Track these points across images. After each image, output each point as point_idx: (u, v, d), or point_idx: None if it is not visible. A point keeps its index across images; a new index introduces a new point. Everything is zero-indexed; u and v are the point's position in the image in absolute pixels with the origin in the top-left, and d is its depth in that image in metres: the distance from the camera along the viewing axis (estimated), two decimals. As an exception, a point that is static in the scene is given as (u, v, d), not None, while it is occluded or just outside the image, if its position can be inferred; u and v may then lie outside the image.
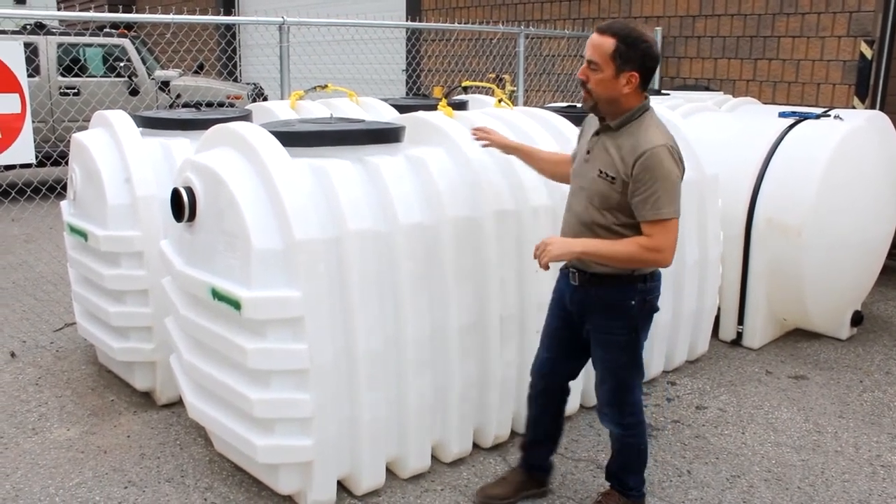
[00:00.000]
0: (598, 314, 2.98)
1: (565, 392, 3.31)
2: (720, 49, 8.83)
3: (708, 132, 5.31)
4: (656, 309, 3.03)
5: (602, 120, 2.90)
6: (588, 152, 2.94)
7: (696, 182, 4.53)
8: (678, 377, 4.71)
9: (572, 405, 4.07)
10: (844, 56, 7.63)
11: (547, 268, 2.85)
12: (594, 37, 2.80)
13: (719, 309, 5.12)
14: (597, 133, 2.93)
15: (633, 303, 2.91)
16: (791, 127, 5.19)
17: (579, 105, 5.02)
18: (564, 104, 5.20)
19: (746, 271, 5.11)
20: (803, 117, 5.30)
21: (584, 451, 3.82)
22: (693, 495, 3.48)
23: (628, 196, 2.78)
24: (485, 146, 3.42)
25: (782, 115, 5.41)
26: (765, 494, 3.49)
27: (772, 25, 8.19)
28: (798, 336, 5.42)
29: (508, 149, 3.40)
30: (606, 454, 3.76)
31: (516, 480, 3.39)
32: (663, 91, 7.70)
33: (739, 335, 5.23)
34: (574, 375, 3.27)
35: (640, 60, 2.75)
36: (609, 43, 2.75)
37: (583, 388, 4.11)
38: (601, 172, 2.84)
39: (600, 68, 2.78)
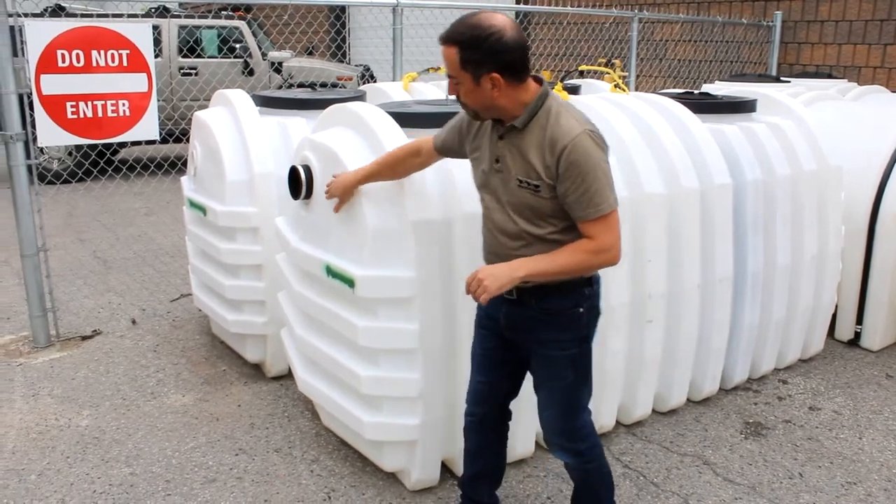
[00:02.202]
0: (542, 328, 2.61)
1: (506, 416, 2.95)
2: (845, 34, 8.42)
3: (831, 122, 5.06)
4: (599, 313, 2.71)
5: (501, 122, 2.52)
6: (497, 161, 2.54)
7: (817, 173, 4.35)
8: (790, 376, 4.54)
9: (679, 398, 3.99)
10: None
11: (486, 302, 2.46)
12: (441, 49, 2.43)
13: (837, 307, 4.90)
14: (500, 137, 2.53)
15: (581, 310, 2.59)
16: (925, 118, 4.90)
17: (696, 91, 4.88)
18: (680, 90, 5.06)
19: (868, 268, 4.87)
20: (939, 108, 5.00)
21: (690, 447, 3.73)
22: (805, 499, 3.35)
23: (560, 198, 2.43)
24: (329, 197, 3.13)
25: (915, 105, 5.12)
26: None
27: (905, 10, 7.75)
28: (922, 339, 5.15)
29: (359, 182, 3.02)
30: (714, 451, 3.68)
31: None
32: (782, 78, 7.40)
33: (857, 335, 4.99)
34: (513, 395, 2.90)
35: (492, 58, 2.36)
36: (453, 53, 2.39)
37: (691, 380, 4.01)
38: (521, 182, 2.47)
39: (460, 80, 2.43)
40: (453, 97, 2.53)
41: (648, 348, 3.70)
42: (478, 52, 2.35)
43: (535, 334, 2.63)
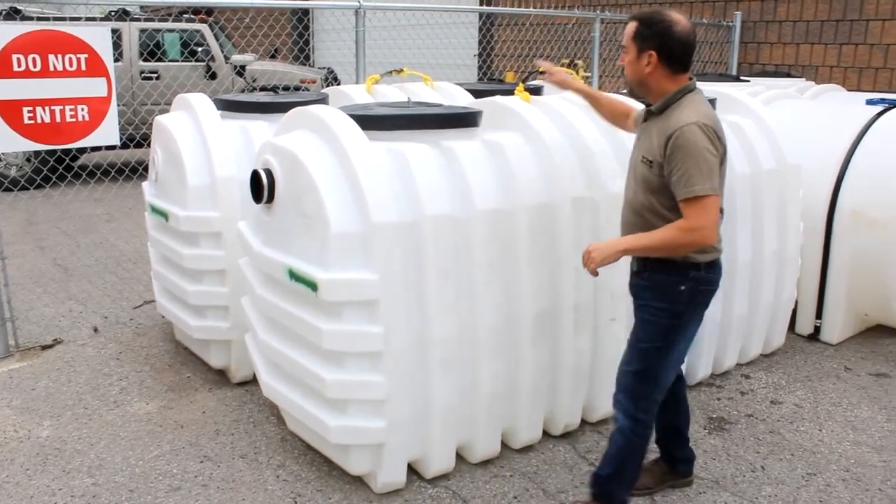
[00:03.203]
0: (648, 294, 2.93)
1: (678, 381, 3.23)
2: (803, 34, 8.57)
3: (790, 120, 5.14)
4: (708, 303, 2.96)
5: (648, 106, 2.94)
6: (637, 140, 2.99)
7: (776, 171, 4.41)
8: (752, 370, 4.61)
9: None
10: (937, 42, 7.32)
11: (596, 274, 2.87)
12: (627, 23, 2.91)
13: (797, 302, 4.98)
14: (645, 119, 2.96)
15: (682, 288, 2.85)
16: (879, 115, 5.00)
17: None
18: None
19: (826, 264, 4.95)
20: (893, 105, 5.10)
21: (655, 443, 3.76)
22: (767, 491, 3.40)
23: (665, 177, 2.76)
24: (552, 82, 3.46)
25: (870, 102, 5.22)
26: (843, 494, 3.39)
27: (860, 8, 7.90)
28: (879, 332, 5.24)
29: (573, 88, 3.45)
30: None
31: (659, 472, 3.37)
32: (742, 77, 7.50)
33: (817, 329, 5.08)
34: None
35: (657, 39, 2.78)
36: (632, 26, 2.85)
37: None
38: (643, 158, 2.86)
39: (627, 51, 2.87)
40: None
41: (612, 346, 3.73)
42: (648, 29, 2.80)
43: (639, 299, 2.97)
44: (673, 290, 2.86)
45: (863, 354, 4.90)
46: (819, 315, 5.05)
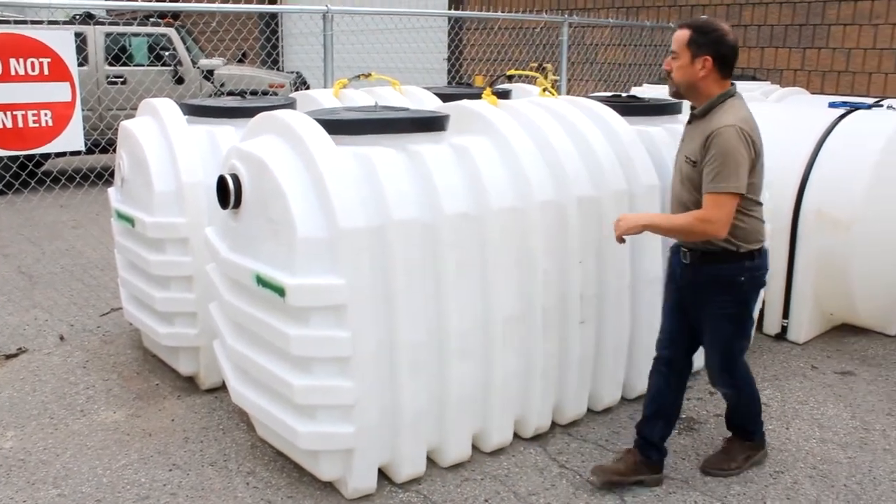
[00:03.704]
0: (709, 290, 3.21)
1: (687, 366, 3.48)
2: (767, 38, 8.68)
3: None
4: (763, 284, 3.32)
5: (693, 109, 3.22)
6: (682, 141, 3.30)
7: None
8: (721, 371, 4.65)
9: (613, 397, 4.05)
10: (898, 45, 7.45)
11: (622, 241, 3.24)
12: (676, 31, 3.16)
13: (764, 302, 5.04)
14: (689, 122, 3.25)
15: (742, 279, 3.17)
16: (842, 117, 5.08)
17: (623, 94, 4.97)
18: (609, 94, 5.15)
19: (792, 265, 5.02)
20: (854, 107, 5.18)
21: (625, 444, 3.78)
22: (736, 490, 3.43)
23: (701, 173, 3.06)
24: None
25: (832, 105, 5.30)
26: (809, 491, 3.43)
27: (822, 13, 8.02)
28: (845, 331, 5.32)
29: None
30: (648, 447, 3.74)
31: (631, 461, 3.45)
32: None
33: (784, 329, 5.14)
34: (694, 349, 3.44)
35: (712, 46, 3.06)
36: (684, 33, 3.10)
37: (624, 379, 4.08)
38: (687, 158, 3.16)
39: (679, 56, 3.12)
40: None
41: (581, 349, 3.75)
42: (704, 37, 3.06)
43: (703, 295, 3.24)
44: (735, 281, 3.17)
45: (829, 353, 4.97)
46: (786, 315, 5.11)
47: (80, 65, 4.69)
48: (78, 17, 10.00)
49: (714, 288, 3.20)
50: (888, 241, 4.87)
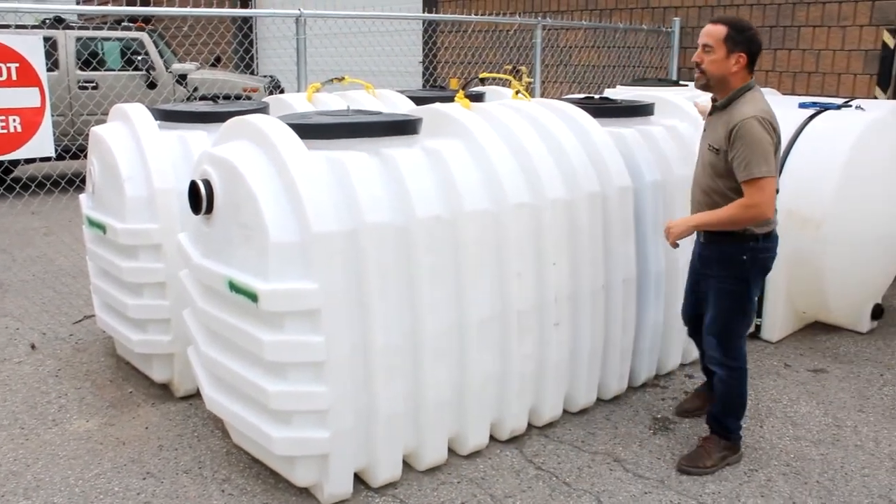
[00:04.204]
0: (716, 265, 3.48)
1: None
2: (739, 39, 8.73)
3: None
4: (768, 268, 3.50)
5: (714, 101, 3.44)
6: (705, 130, 3.53)
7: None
8: (696, 370, 4.68)
9: (589, 398, 4.06)
10: (866, 45, 7.55)
11: (676, 245, 3.53)
12: (709, 26, 3.36)
13: (738, 302, 5.07)
14: (711, 113, 3.48)
15: (744, 258, 3.39)
16: (812, 118, 5.14)
17: (597, 96, 5.00)
18: (582, 95, 5.17)
19: (765, 264, 5.06)
20: (824, 108, 5.25)
21: (601, 445, 3.80)
22: (711, 489, 3.46)
23: (729, 162, 3.28)
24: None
25: (802, 105, 5.35)
26: (783, 488, 3.47)
27: (792, 15, 8.11)
28: (817, 329, 5.38)
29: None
30: (624, 448, 3.76)
31: (704, 395, 4.00)
32: (682, 82, 7.64)
33: (758, 328, 5.19)
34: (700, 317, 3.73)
35: (747, 44, 3.30)
36: (721, 29, 3.31)
37: (600, 380, 4.10)
38: (710, 147, 3.40)
39: (714, 50, 3.32)
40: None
41: (556, 350, 3.76)
42: (740, 35, 3.30)
43: (709, 270, 3.53)
44: (737, 259, 3.40)
45: (801, 351, 5.02)
46: (760, 314, 5.16)
47: (50, 70, 4.63)
48: (47, 21, 9.90)
49: (718, 263, 3.47)
50: (859, 240, 4.93)
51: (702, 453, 3.62)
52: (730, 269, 3.44)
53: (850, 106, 5.22)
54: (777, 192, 3.36)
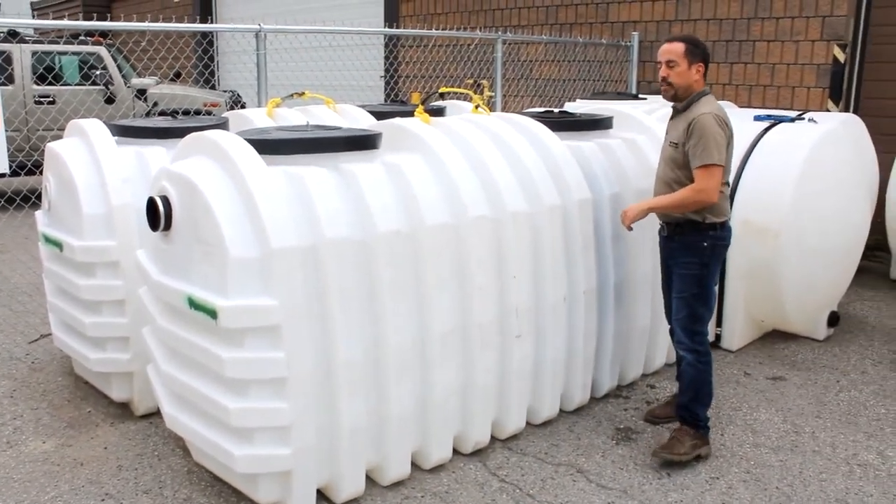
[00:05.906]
0: (680, 253, 3.77)
1: None
2: (696, 53, 8.87)
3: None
4: (724, 256, 3.93)
5: (675, 107, 3.80)
6: (667, 133, 3.86)
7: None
8: (657, 380, 4.73)
9: (552, 410, 4.08)
10: (818, 60, 7.72)
11: (630, 229, 3.84)
12: (667, 45, 3.73)
13: (697, 311, 5.13)
14: (672, 117, 3.83)
15: (705, 244, 3.71)
16: (766, 130, 5.24)
17: (556, 111, 5.04)
18: (542, 109, 5.21)
19: (724, 274, 5.13)
20: (778, 120, 5.35)
21: (564, 456, 3.82)
22: (673, 497, 3.49)
23: (686, 153, 3.63)
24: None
25: (757, 118, 5.46)
26: (743, 495, 3.51)
27: (747, 30, 8.27)
28: (776, 337, 5.46)
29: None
30: (587, 458, 3.78)
31: (675, 403, 4.07)
32: (640, 95, 7.74)
33: (718, 337, 5.25)
34: None
35: (703, 55, 3.73)
36: (680, 46, 3.69)
37: (563, 391, 4.12)
38: (671, 143, 3.75)
39: (678, 64, 3.68)
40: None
41: (518, 363, 3.77)
42: (697, 48, 3.71)
43: (674, 258, 3.82)
44: (699, 245, 3.71)
45: (760, 359, 5.09)
46: (719, 323, 5.23)
47: (4, 84, 4.56)
48: (1, 34, 9.74)
49: (683, 250, 3.76)
50: (815, 249, 5.03)
51: (675, 442, 3.79)
52: (693, 254, 3.72)
53: (804, 119, 5.33)
54: (728, 184, 3.75)
